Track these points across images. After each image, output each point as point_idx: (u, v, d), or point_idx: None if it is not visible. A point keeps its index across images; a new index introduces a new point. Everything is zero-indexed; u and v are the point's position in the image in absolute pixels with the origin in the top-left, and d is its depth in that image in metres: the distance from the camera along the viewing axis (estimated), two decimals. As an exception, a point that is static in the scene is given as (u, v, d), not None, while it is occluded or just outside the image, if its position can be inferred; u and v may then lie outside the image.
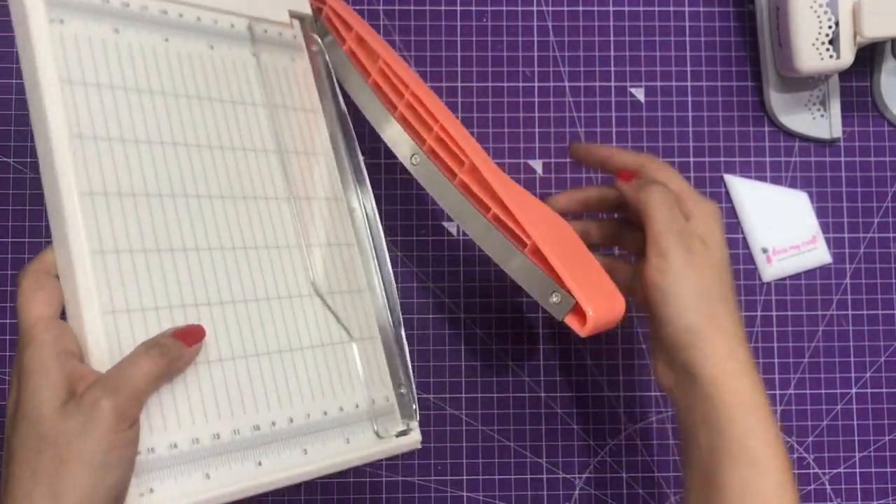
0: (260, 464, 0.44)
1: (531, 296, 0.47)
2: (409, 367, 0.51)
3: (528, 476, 0.61)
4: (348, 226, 0.52)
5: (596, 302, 0.46)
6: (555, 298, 0.46)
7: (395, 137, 0.52)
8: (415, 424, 0.50)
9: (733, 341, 0.46)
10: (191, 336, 0.41)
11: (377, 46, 0.52)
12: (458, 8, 0.64)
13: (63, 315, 0.40)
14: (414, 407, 0.50)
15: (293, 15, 0.54)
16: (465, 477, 0.61)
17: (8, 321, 0.60)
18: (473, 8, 0.64)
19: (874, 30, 0.57)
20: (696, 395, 0.46)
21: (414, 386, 0.51)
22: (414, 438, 0.50)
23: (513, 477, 0.61)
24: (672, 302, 0.46)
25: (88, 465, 0.35)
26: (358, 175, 0.53)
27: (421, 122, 0.51)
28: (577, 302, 0.45)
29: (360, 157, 0.53)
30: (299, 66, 0.53)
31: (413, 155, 0.51)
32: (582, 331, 0.46)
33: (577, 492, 0.61)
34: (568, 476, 0.61)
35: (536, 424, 0.62)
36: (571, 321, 0.46)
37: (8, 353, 0.60)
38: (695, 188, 0.50)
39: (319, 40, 0.54)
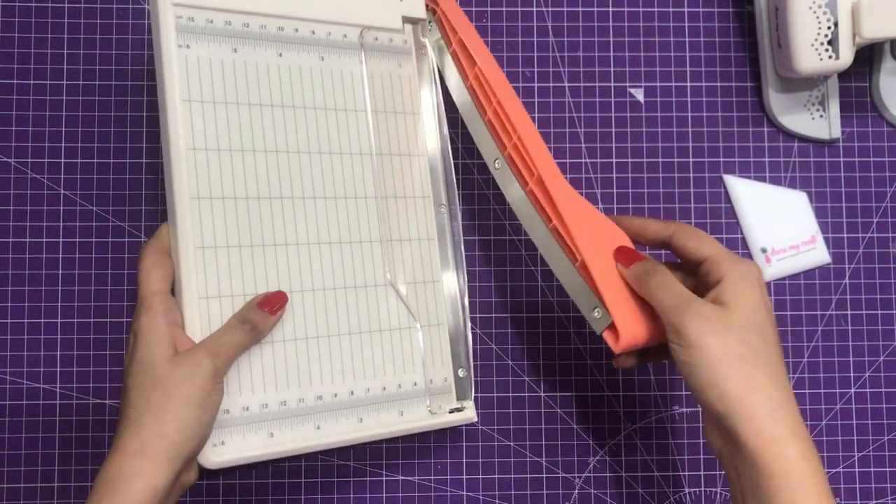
0: (318, 427, 0.51)
1: (577, 306, 0.51)
2: (471, 352, 0.57)
3: (528, 476, 0.61)
4: (431, 222, 0.57)
5: (630, 326, 0.49)
6: (596, 314, 0.50)
7: (483, 138, 0.55)
8: (469, 404, 0.56)
9: (776, 405, 0.43)
10: (273, 304, 0.50)
11: (475, 51, 0.55)
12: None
13: (174, 288, 0.49)
14: (471, 389, 0.56)
15: (406, 20, 0.57)
16: (465, 477, 0.61)
17: (9, 321, 0.60)
18: (473, 8, 0.64)
19: (873, 30, 0.57)
20: (742, 463, 0.44)
21: (472, 370, 0.57)
22: (467, 415, 0.56)
23: (513, 477, 0.61)
24: (700, 374, 0.44)
25: (190, 404, 0.45)
26: (448, 175, 0.57)
27: (504, 129, 0.54)
28: (613, 322, 0.49)
29: (451, 159, 0.57)
30: (405, 71, 0.57)
31: (496, 159, 0.55)
32: (615, 348, 0.49)
33: (576, 492, 0.61)
34: (568, 476, 0.62)
35: (536, 424, 0.62)
36: (608, 337, 0.50)
37: (9, 353, 0.60)
38: (727, 250, 0.48)
39: (429, 44, 0.58)
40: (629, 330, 0.49)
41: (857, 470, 0.63)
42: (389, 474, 0.61)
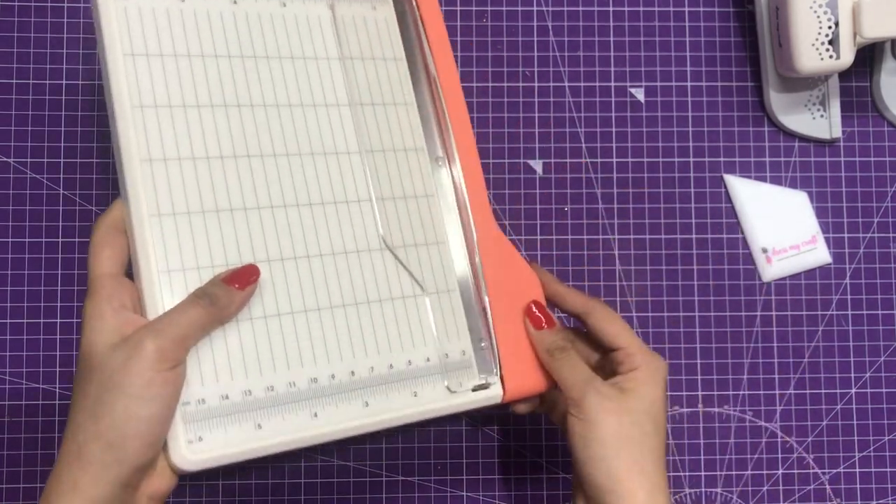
0: (315, 415, 0.44)
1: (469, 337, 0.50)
2: (490, 320, 0.49)
3: (528, 476, 0.61)
4: (429, 177, 0.51)
5: (517, 376, 0.49)
6: (484, 345, 0.50)
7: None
8: (495, 379, 0.49)
9: (654, 489, 0.45)
10: (241, 278, 0.43)
11: (439, 57, 0.52)
12: (458, 8, 0.64)
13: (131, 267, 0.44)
14: (494, 361, 0.49)
15: None
16: (465, 477, 0.61)
17: (9, 321, 0.60)
18: (473, 8, 0.64)
19: (874, 30, 0.57)
20: None
21: (495, 340, 0.49)
22: (493, 393, 0.49)
23: (513, 477, 0.61)
24: (592, 447, 0.45)
25: (125, 395, 0.38)
26: (442, 123, 0.51)
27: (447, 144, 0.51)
28: (500, 373, 0.49)
29: (444, 105, 0.51)
30: (381, 13, 0.52)
31: (437, 156, 0.51)
32: (503, 398, 0.49)
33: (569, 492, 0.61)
34: (568, 476, 0.61)
35: (536, 424, 0.62)
36: (499, 386, 0.49)
37: (9, 353, 0.60)
38: (640, 341, 0.49)
39: None
40: (516, 383, 0.49)
41: (857, 470, 0.62)
42: (389, 474, 0.61)
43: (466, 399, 0.48)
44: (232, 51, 0.47)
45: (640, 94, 0.64)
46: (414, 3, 0.52)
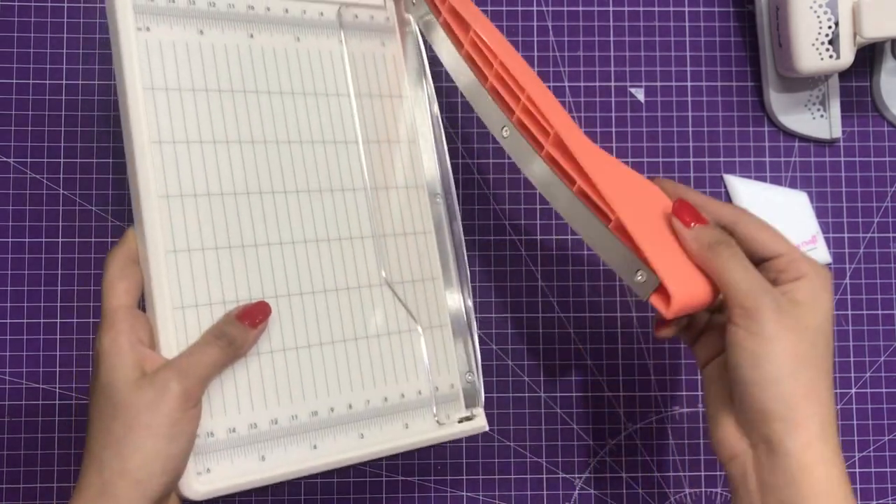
0: (315, 447, 0.46)
1: (617, 273, 0.45)
2: (478, 355, 0.51)
3: (528, 476, 0.61)
4: (427, 214, 0.52)
5: (681, 284, 0.43)
6: (640, 277, 0.43)
7: (486, 108, 0.49)
8: (479, 411, 0.51)
9: (827, 421, 0.41)
10: (255, 316, 0.44)
11: (469, 16, 0.50)
12: (458, 8, 0.64)
13: (143, 300, 0.44)
14: (480, 394, 0.51)
15: None
16: (465, 477, 0.61)
17: (9, 321, 0.60)
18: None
19: (874, 30, 0.57)
20: (777, 475, 0.41)
21: (480, 374, 0.52)
22: (478, 424, 0.51)
23: (513, 477, 0.61)
24: (765, 367, 0.40)
25: (154, 435, 0.39)
26: (442, 162, 0.52)
27: (510, 92, 0.48)
28: (661, 282, 0.42)
29: (444, 144, 0.52)
30: (389, 50, 0.53)
31: (504, 127, 0.49)
32: (667, 312, 0.43)
33: (577, 492, 0.61)
34: (568, 476, 0.62)
35: (536, 424, 0.62)
36: (656, 301, 0.43)
37: (9, 353, 0.60)
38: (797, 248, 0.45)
39: (413, 20, 0.53)
40: (682, 290, 0.42)
41: (857, 470, 0.62)
42: (389, 474, 0.61)
43: (453, 430, 0.50)
44: (248, 86, 0.47)
45: (640, 94, 0.64)
46: (419, 41, 0.53)
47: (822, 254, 0.64)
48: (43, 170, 0.61)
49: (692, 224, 0.44)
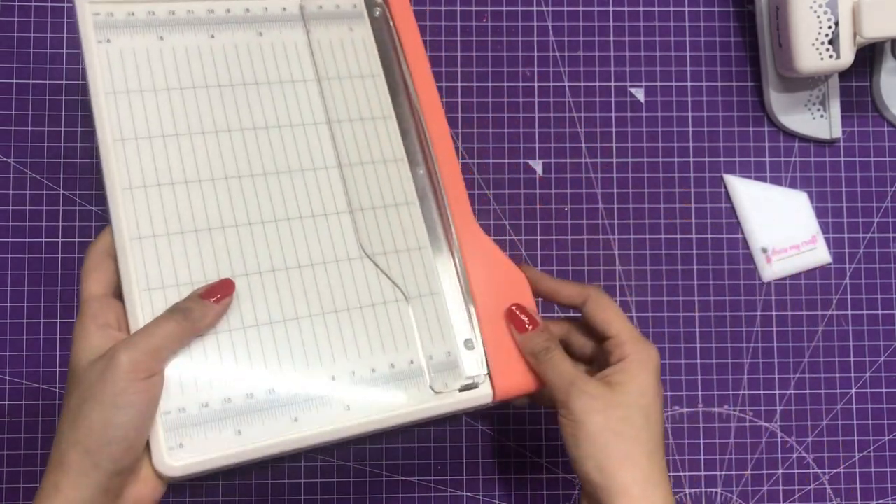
0: (296, 420, 0.45)
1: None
2: (475, 320, 0.50)
3: (528, 476, 0.61)
4: (409, 186, 0.52)
5: (506, 374, 0.49)
6: (469, 346, 0.50)
7: (412, 136, 0.53)
8: (483, 378, 0.49)
9: (648, 483, 0.45)
10: (216, 292, 0.45)
11: (415, 67, 0.54)
12: (459, 8, 0.64)
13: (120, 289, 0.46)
14: (483, 361, 0.49)
15: None
16: (465, 477, 0.61)
17: (8, 321, 0.60)
18: (473, 8, 0.64)
19: (874, 30, 0.57)
20: None
21: (481, 339, 0.50)
22: (483, 392, 0.49)
23: (513, 477, 0.61)
24: (581, 445, 0.46)
25: (100, 403, 0.41)
26: (422, 134, 0.53)
27: (424, 144, 0.52)
28: (490, 376, 0.49)
29: (422, 117, 0.53)
30: (358, 34, 0.54)
31: (418, 166, 0.53)
32: (493, 398, 0.49)
33: (577, 492, 0.61)
34: (568, 476, 0.61)
35: (536, 424, 0.62)
36: (490, 384, 0.49)
37: (9, 353, 0.60)
38: (636, 330, 0.49)
39: (382, 2, 0.54)
40: (506, 382, 0.49)
41: (857, 470, 0.62)
42: (389, 474, 0.61)
43: (454, 399, 0.48)
44: (209, 81, 0.50)
45: (640, 94, 0.64)
46: (391, 22, 0.54)
47: (822, 254, 0.64)
48: (43, 170, 0.61)
49: (526, 329, 0.49)
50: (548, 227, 0.63)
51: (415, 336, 0.49)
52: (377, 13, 0.54)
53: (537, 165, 0.63)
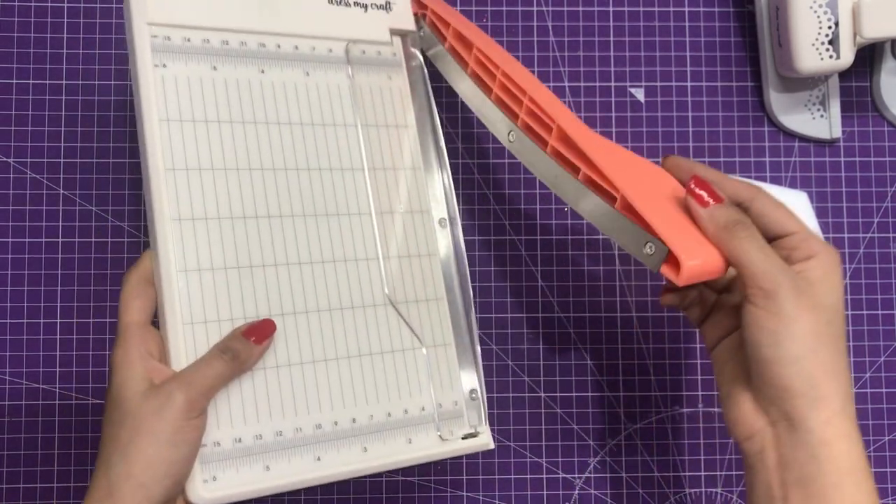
0: (319, 459, 0.48)
1: (628, 251, 0.45)
2: (481, 373, 0.53)
3: (528, 476, 0.61)
4: (432, 238, 0.54)
5: (691, 252, 0.43)
6: (648, 249, 0.43)
7: (493, 118, 0.52)
8: (484, 428, 0.52)
9: (847, 398, 0.42)
10: (260, 333, 0.46)
11: (471, 35, 0.53)
12: (458, 8, 0.64)
13: (157, 316, 0.47)
14: (484, 412, 0.53)
15: (395, 32, 0.56)
16: (465, 477, 0.61)
17: (9, 321, 0.60)
18: (473, 8, 0.64)
19: (874, 30, 0.57)
20: (798, 450, 0.41)
21: (484, 391, 0.53)
22: (482, 441, 0.52)
23: (513, 477, 0.61)
24: (786, 345, 0.41)
25: (157, 441, 0.42)
26: (447, 187, 0.55)
27: (513, 97, 0.51)
28: (670, 251, 0.42)
29: (449, 171, 0.55)
30: (396, 83, 0.56)
31: (510, 132, 0.51)
32: (678, 279, 0.42)
33: (576, 492, 0.61)
34: (568, 476, 0.62)
35: (536, 424, 0.62)
36: (666, 271, 0.43)
37: (9, 353, 0.60)
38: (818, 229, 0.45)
39: (419, 54, 0.57)
40: (692, 257, 0.42)
41: (857, 470, 0.62)
42: (389, 474, 0.61)
43: (457, 446, 0.51)
44: (258, 117, 0.50)
45: (640, 94, 0.64)
46: (425, 73, 0.56)
47: (822, 254, 0.64)
48: (43, 170, 0.61)
49: (708, 203, 0.44)
50: (548, 227, 0.63)
51: (427, 384, 0.52)
52: (413, 63, 0.56)
53: (537, 165, 0.63)
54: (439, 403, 0.52)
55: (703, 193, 0.44)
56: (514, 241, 0.63)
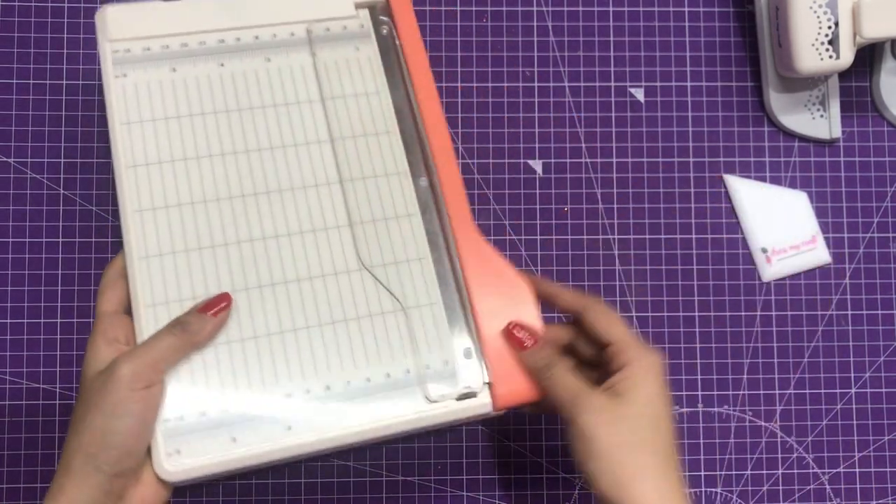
0: (290, 428, 0.47)
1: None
2: (473, 330, 0.50)
3: (528, 476, 0.61)
4: (411, 198, 0.53)
5: (508, 386, 0.49)
6: (468, 356, 0.50)
7: (415, 149, 0.54)
8: (482, 387, 0.49)
9: (662, 495, 0.44)
10: (213, 306, 0.48)
11: (417, 75, 0.55)
12: (458, 8, 0.64)
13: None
14: (482, 370, 0.50)
15: (360, 6, 0.56)
16: (465, 477, 0.61)
17: (9, 321, 0.60)
18: (473, 8, 0.64)
19: (874, 30, 0.57)
20: None
21: (480, 349, 0.50)
22: (480, 402, 0.49)
23: (513, 477, 0.61)
24: (593, 462, 0.45)
25: (101, 412, 0.44)
26: (424, 147, 0.54)
27: (426, 153, 0.53)
28: (492, 384, 0.49)
29: (424, 130, 0.53)
30: (364, 53, 0.55)
31: (421, 177, 0.53)
32: (493, 409, 0.49)
33: (577, 492, 0.61)
34: (568, 476, 0.62)
35: (536, 424, 0.62)
36: (489, 393, 0.49)
37: (9, 353, 0.60)
38: (635, 337, 0.49)
39: (389, 21, 0.56)
40: (507, 391, 0.49)
41: (857, 470, 0.63)
42: (389, 474, 0.61)
43: (450, 409, 0.49)
44: (217, 107, 0.53)
45: (640, 94, 0.64)
46: (396, 39, 0.55)
47: (821, 254, 0.64)
48: (43, 170, 0.61)
49: (526, 347, 0.49)
50: (548, 227, 0.63)
51: (411, 346, 0.50)
52: (384, 31, 0.56)
53: (537, 165, 0.63)
54: (426, 364, 0.50)
55: (522, 337, 0.49)
56: (515, 242, 0.63)
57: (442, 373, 0.50)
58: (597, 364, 0.51)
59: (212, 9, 0.54)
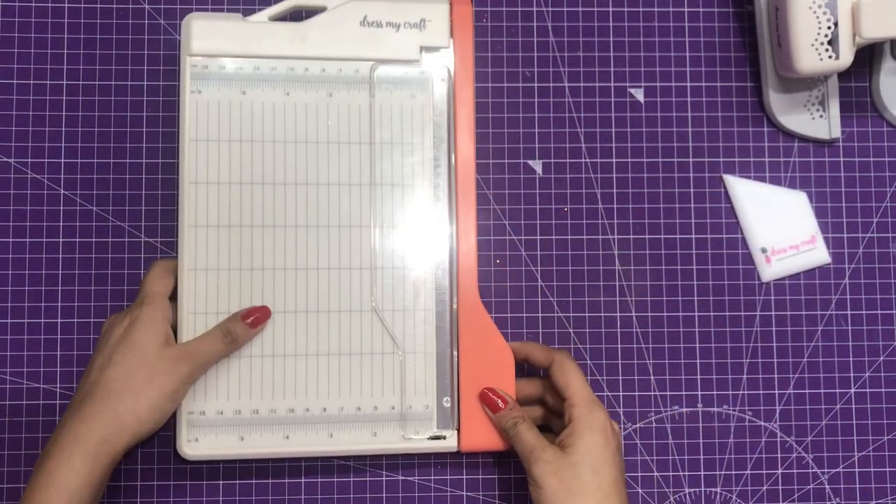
0: (287, 437, 0.56)
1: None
2: (457, 382, 0.57)
3: (528, 476, 0.61)
4: (430, 251, 0.58)
5: (473, 436, 0.57)
6: (446, 403, 0.58)
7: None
8: (451, 433, 0.57)
9: None
10: (257, 315, 0.56)
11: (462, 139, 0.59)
12: (458, 8, 0.64)
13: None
14: (454, 419, 0.57)
15: (426, 49, 0.59)
16: (465, 477, 0.61)
17: (9, 321, 0.60)
18: (473, 8, 0.64)
19: (873, 30, 0.57)
20: None
21: (457, 400, 0.57)
22: (448, 444, 0.57)
23: (513, 477, 0.61)
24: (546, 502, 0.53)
25: (162, 393, 0.53)
26: (451, 206, 0.58)
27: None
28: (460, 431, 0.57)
29: (456, 191, 0.58)
30: (418, 101, 0.59)
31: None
32: (461, 447, 0.57)
33: (576, 491, 0.61)
34: (568, 476, 0.62)
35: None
36: (459, 436, 0.58)
37: (9, 353, 0.60)
38: (588, 392, 0.55)
39: (449, 70, 0.59)
40: (473, 439, 0.57)
41: (856, 470, 0.63)
42: (389, 474, 0.61)
43: (421, 445, 0.57)
44: (278, 136, 0.57)
45: (639, 94, 0.65)
46: (450, 91, 0.58)
47: (821, 254, 0.64)
48: (43, 170, 0.61)
49: (498, 408, 0.57)
50: (548, 227, 0.63)
51: (401, 386, 0.57)
52: (443, 79, 0.59)
53: (537, 165, 0.64)
54: (410, 405, 0.57)
55: (495, 399, 0.57)
56: (515, 242, 0.63)
57: (421, 415, 0.57)
58: (562, 417, 0.57)
59: (289, 33, 0.57)
